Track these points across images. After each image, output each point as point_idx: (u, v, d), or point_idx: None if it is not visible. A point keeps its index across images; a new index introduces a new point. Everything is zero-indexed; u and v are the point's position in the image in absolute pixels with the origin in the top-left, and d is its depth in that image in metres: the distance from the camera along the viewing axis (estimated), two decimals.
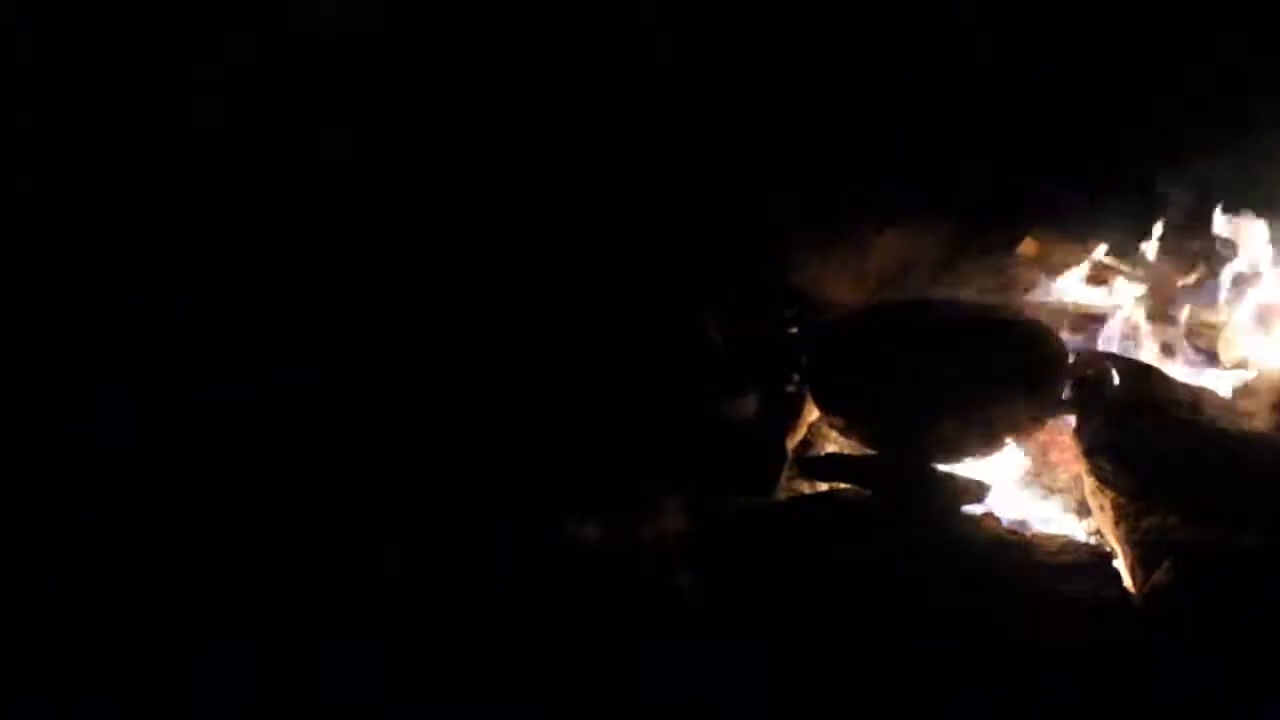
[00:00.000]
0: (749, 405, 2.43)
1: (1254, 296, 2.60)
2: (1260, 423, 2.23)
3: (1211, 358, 2.54)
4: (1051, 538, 2.12)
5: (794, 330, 2.65)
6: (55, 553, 2.09)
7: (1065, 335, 2.48)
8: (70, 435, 2.24)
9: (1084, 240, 2.73)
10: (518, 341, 2.45)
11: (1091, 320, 2.63)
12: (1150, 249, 2.72)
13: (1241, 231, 2.70)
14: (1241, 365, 2.48)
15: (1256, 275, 2.64)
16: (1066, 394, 2.29)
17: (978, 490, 2.19)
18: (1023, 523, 2.22)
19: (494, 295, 2.57)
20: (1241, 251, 2.69)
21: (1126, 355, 2.45)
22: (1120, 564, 2.03)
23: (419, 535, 2.11)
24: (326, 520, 2.13)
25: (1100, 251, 2.73)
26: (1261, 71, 2.77)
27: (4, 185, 2.37)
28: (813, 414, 2.46)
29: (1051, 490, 2.31)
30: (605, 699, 1.83)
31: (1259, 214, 2.70)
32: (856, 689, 1.81)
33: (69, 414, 2.28)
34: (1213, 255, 2.72)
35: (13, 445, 2.19)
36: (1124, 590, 1.96)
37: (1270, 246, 2.65)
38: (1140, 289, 2.67)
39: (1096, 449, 2.14)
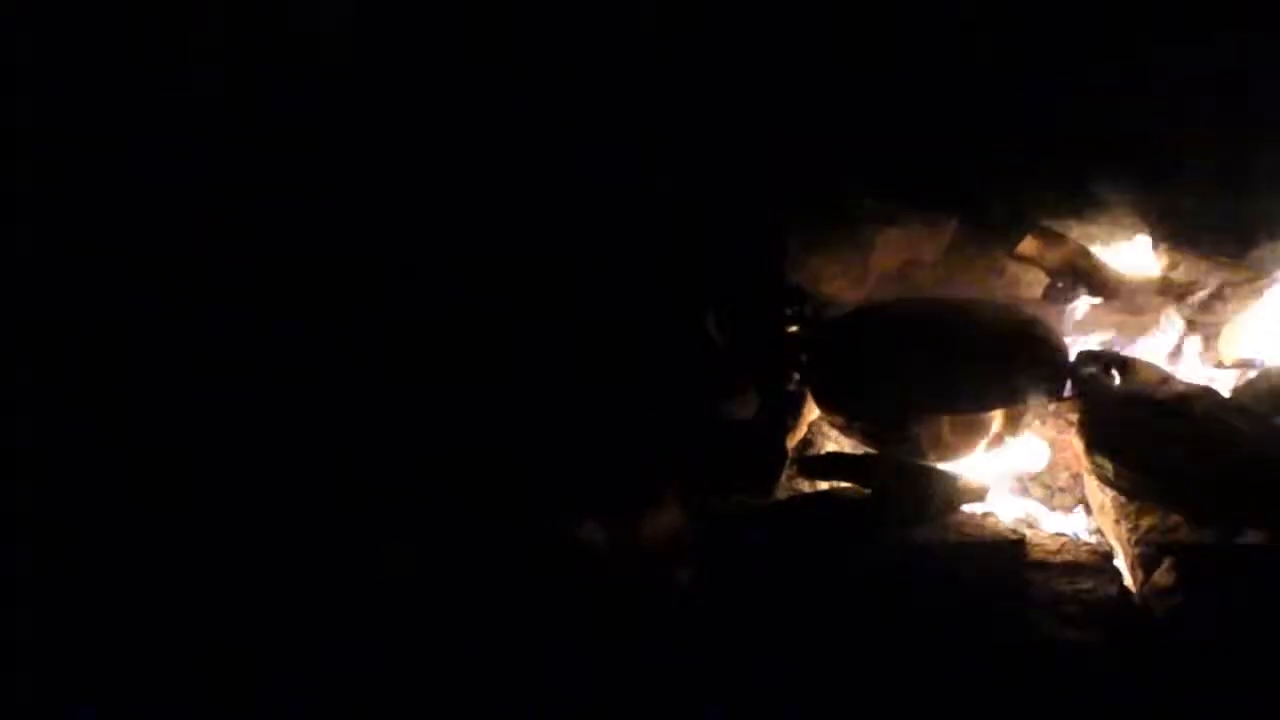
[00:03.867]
0: (749, 405, 2.43)
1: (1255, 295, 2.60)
2: (1261, 422, 2.23)
3: (1213, 357, 2.54)
4: (1051, 537, 2.13)
5: (794, 330, 2.65)
6: (55, 552, 2.09)
7: (1065, 334, 2.48)
8: (70, 435, 2.25)
9: (1084, 239, 2.73)
10: (518, 341, 2.45)
11: (1093, 318, 2.63)
12: (1153, 247, 2.71)
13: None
14: (1242, 364, 2.48)
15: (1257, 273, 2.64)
16: (1067, 393, 2.28)
17: (978, 490, 2.19)
18: (1023, 522, 2.22)
19: (494, 295, 2.57)
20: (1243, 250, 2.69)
21: (1127, 353, 2.45)
22: (1120, 563, 2.04)
23: (419, 535, 2.12)
24: (326, 520, 2.13)
25: (1100, 250, 2.73)
26: (1262, 71, 2.76)
27: (4, 185, 2.37)
28: (813, 413, 2.46)
29: (1051, 490, 2.31)
30: (605, 698, 1.83)
31: (1260, 212, 2.69)
32: (857, 688, 1.81)
33: (69, 414, 2.28)
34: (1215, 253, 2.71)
35: (13, 445, 2.19)
36: (1124, 589, 1.96)
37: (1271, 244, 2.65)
38: (1141, 287, 2.67)
39: (1097, 448, 2.14)
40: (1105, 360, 2.34)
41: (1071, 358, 2.35)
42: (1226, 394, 2.35)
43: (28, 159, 2.39)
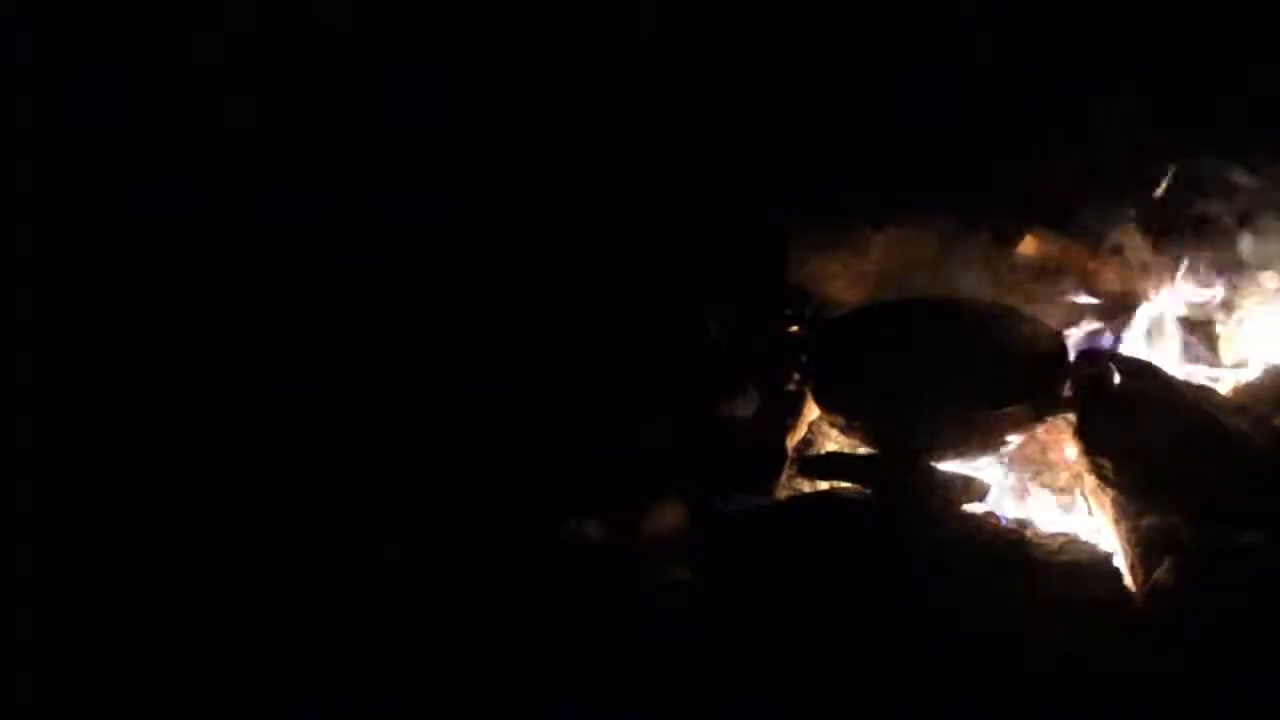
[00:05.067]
0: (749, 405, 2.43)
1: (1255, 294, 2.60)
2: (1261, 422, 2.23)
3: (1213, 356, 2.54)
4: (1051, 537, 2.12)
5: (794, 330, 2.66)
6: (55, 552, 2.09)
7: (1065, 333, 2.48)
8: (70, 435, 2.25)
9: (1084, 238, 2.73)
10: (518, 341, 2.46)
11: (1092, 318, 2.62)
12: (1153, 246, 2.72)
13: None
14: (1242, 364, 2.48)
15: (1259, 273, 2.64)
16: (1067, 392, 2.28)
17: (978, 490, 2.18)
18: (1023, 522, 2.22)
19: (493, 295, 2.57)
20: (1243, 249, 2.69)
21: (1127, 353, 2.45)
22: (1120, 563, 2.03)
23: (418, 534, 2.12)
24: (325, 519, 2.14)
25: (1100, 249, 2.73)
26: (1263, 71, 2.76)
27: (4, 185, 2.37)
28: (813, 413, 2.46)
29: (1051, 490, 2.31)
30: (605, 698, 1.83)
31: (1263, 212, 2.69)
32: (857, 688, 1.81)
33: (69, 414, 2.28)
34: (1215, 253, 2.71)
35: (13, 445, 2.19)
36: (1124, 590, 1.96)
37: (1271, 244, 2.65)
38: (1141, 287, 2.67)
39: (1097, 448, 2.14)
40: (1105, 360, 2.34)
41: (1071, 357, 2.35)
42: (1226, 394, 2.35)
43: (28, 159, 2.39)
